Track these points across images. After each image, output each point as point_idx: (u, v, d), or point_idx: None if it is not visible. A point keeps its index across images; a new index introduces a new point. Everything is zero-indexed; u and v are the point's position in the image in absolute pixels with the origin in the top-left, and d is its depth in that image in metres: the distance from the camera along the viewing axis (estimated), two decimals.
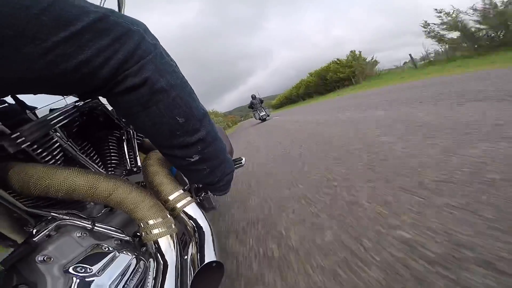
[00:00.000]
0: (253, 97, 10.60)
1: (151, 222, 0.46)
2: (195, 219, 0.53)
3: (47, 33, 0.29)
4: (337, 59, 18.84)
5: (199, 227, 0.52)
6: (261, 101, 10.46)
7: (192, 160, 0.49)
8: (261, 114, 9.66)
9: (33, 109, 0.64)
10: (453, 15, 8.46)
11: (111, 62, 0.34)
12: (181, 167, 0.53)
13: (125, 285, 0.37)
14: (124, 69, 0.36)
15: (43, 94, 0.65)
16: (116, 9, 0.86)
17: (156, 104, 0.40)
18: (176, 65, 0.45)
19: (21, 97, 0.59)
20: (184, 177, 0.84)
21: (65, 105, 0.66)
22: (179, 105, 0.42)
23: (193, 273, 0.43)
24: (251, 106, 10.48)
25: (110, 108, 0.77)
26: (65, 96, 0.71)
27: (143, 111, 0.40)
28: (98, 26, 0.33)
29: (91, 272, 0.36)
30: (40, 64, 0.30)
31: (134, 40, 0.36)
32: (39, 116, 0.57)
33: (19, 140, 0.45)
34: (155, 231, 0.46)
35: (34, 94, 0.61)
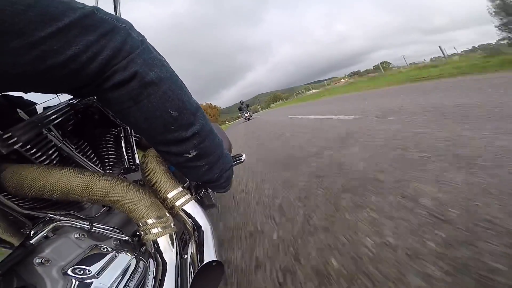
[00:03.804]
0: (241, 102, 16.10)
1: (149, 221, 0.46)
2: (194, 218, 0.53)
3: (33, 28, 0.29)
4: None
5: (198, 226, 0.51)
6: (248, 106, 15.84)
7: (189, 156, 0.48)
8: (246, 115, 15.05)
9: (25, 108, 0.63)
10: None
11: (99, 58, 0.34)
12: (178, 164, 0.52)
13: (125, 286, 0.37)
14: (112, 64, 0.36)
15: (35, 94, 0.63)
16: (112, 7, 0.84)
17: (147, 97, 0.40)
18: (165, 60, 0.44)
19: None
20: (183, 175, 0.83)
21: (59, 103, 0.64)
22: (171, 98, 0.42)
23: (193, 273, 0.43)
24: (240, 109, 15.84)
25: None
26: (58, 95, 0.70)
27: (134, 106, 0.40)
28: (85, 22, 0.33)
29: (90, 273, 0.36)
30: (27, 59, 0.30)
31: (120, 36, 0.36)
32: (32, 115, 0.55)
33: (11, 141, 0.44)
34: (154, 230, 0.46)
35: (24, 92, 0.59)
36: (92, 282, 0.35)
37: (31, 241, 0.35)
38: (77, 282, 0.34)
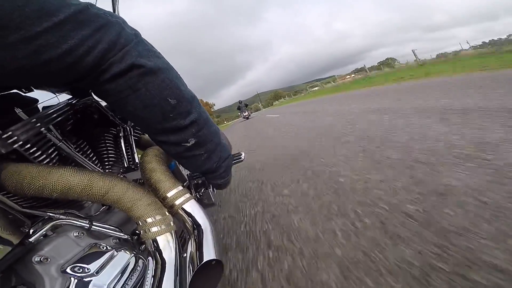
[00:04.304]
0: (240, 102, 16.83)
1: (149, 220, 0.46)
2: (194, 216, 0.53)
3: (30, 23, 0.30)
4: None
5: (198, 225, 0.51)
6: (246, 105, 16.53)
7: (189, 144, 0.49)
8: (244, 114, 15.60)
9: (24, 107, 0.63)
10: None
11: (94, 51, 0.35)
12: (178, 155, 0.53)
13: (124, 284, 0.37)
14: (108, 57, 0.37)
15: (34, 93, 0.63)
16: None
17: (145, 85, 0.41)
18: (160, 52, 0.46)
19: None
20: (182, 173, 0.83)
21: (58, 103, 0.65)
22: (169, 86, 0.43)
23: (192, 271, 0.43)
24: (239, 108, 16.55)
25: (104, 104, 0.75)
26: (57, 94, 0.70)
27: (133, 94, 0.41)
28: (79, 17, 0.34)
29: (89, 272, 0.36)
30: (24, 54, 0.31)
31: (115, 30, 0.37)
32: (31, 115, 0.55)
33: (10, 140, 0.44)
34: (154, 229, 0.46)
35: (24, 88, 0.59)
36: (90, 281, 0.35)
37: (30, 240, 0.35)
38: (75, 281, 0.34)
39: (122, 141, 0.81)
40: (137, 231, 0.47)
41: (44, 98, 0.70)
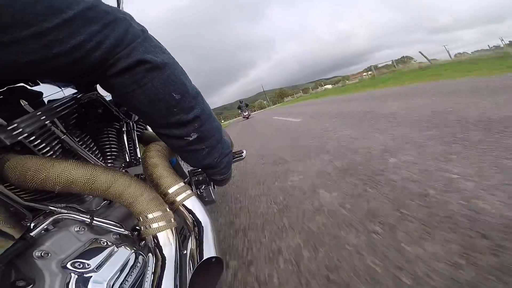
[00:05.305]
0: (241, 101, 17.92)
1: (150, 216, 0.46)
2: (194, 213, 0.52)
3: (41, 20, 0.31)
4: None
5: (198, 222, 0.51)
6: (247, 105, 17.53)
7: (190, 139, 0.50)
8: (244, 114, 16.48)
9: (30, 100, 0.63)
10: None
11: (102, 46, 0.36)
12: (180, 148, 0.53)
13: (124, 280, 0.37)
14: (115, 53, 0.38)
15: (39, 87, 0.64)
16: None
17: (151, 81, 0.41)
18: (166, 48, 0.46)
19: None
20: (183, 170, 0.83)
21: (63, 97, 0.65)
22: (174, 81, 0.44)
23: (193, 268, 0.43)
24: (239, 108, 17.50)
25: (108, 98, 0.75)
26: (62, 88, 0.70)
27: (138, 89, 0.41)
28: (88, 14, 0.35)
29: (89, 267, 0.36)
30: (34, 48, 0.32)
31: (122, 26, 0.38)
32: (37, 108, 0.55)
33: (16, 132, 0.44)
34: (154, 225, 0.45)
35: (30, 80, 0.60)
36: (91, 276, 0.35)
37: (31, 234, 0.35)
38: (76, 276, 0.34)
39: (125, 136, 0.81)
40: (137, 227, 0.47)
41: (50, 92, 0.70)
